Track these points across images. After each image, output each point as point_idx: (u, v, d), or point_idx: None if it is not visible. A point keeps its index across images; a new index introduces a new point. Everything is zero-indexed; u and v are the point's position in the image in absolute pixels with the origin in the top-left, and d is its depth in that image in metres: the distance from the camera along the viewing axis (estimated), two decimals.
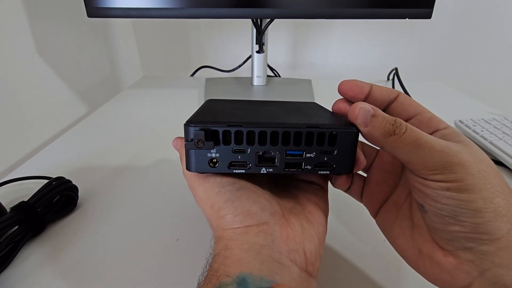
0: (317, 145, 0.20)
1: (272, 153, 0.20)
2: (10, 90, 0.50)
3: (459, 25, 0.91)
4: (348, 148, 0.20)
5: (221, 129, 0.19)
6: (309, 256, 0.20)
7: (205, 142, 0.19)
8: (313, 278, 0.20)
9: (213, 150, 0.20)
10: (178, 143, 0.26)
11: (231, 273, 0.17)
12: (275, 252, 0.19)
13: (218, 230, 0.21)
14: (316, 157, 0.20)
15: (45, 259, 0.28)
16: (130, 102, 0.65)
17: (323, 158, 0.20)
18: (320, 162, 0.20)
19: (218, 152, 0.20)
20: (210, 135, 0.19)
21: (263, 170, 0.20)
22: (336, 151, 0.20)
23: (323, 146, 0.20)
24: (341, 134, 0.20)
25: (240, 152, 0.20)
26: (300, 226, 0.21)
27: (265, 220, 0.20)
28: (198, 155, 0.20)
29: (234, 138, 0.20)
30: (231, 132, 0.19)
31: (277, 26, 0.84)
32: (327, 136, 0.20)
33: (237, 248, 0.19)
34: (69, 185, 0.33)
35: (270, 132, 0.19)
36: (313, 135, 0.20)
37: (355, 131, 0.20)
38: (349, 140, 0.20)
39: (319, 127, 0.20)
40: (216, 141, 0.20)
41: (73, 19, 0.65)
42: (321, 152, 0.20)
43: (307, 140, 0.20)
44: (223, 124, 0.19)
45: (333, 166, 0.21)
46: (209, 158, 0.20)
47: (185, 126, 0.20)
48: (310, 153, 0.20)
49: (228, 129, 0.19)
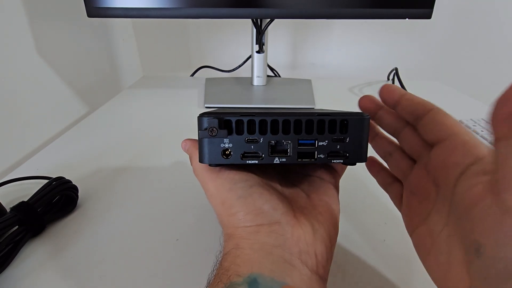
0: (329, 132, 0.20)
1: (285, 142, 0.20)
2: (10, 90, 0.50)
3: (459, 25, 0.91)
4: (360, 136, 0.20)
5: (234, 118, 0.20)
6: (320, 258, 0.20)
7: (219, 130, 0.20)
8: (324, 281, 0.20)
9: (226, 139, 0.20)
10: (188, 143, 0.26)
11: (242, 273, 0.17)
12: (286, 253, 0.19)
13: (228, 228, 0.21)
14: (328, 146, 0.20)
15: (45, 259, 0.28)
16: (130, 102, 0.65)
17: (336, 147, 0.20)
18: (333, 151, 0.20)
19: (231, 142, 0.20)
20: (223, 124, 0.20)
21: (276, 160, 0.20)
22: (348, 138, 0.20)
23: (335, 133, 0.20)
24: (352, 121, 0.20)
25: (253, 142, 0.20)
26: (312, 227, 0.21)
27: (277, 220, 0.20)
28: (211, 146, 0.20)
29: (247, 128, 0.20)
30: (244, 121, 0.20)
31: (277, 26, 0.84)
32: (338, 123, 0.20)
33: (248, 248, 0.19)
34: (69, 185, 0.33)
35: (282, 120, 0.20)
36: (324, 123, 0.20)
37: (367, 117, 0.20)
38: (361, 127, 0.20)
39: (330, 115, 0.20)
40: (229, 130, 0.20)
41: (73, 19, 0.65)
42: (333, 140, 0.20)
43: (319, 128, 0.20)
44: (236, 114, 0.20)
45: (346, 155, 0.21)
46: (222, 149, 0.20)
47: (199, 118, 0.20)
48: (323, 141, 0.20)
49: (241, 118, 0.20)
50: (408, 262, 0.27)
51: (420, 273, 0.26)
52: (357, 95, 0.67)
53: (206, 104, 0.62)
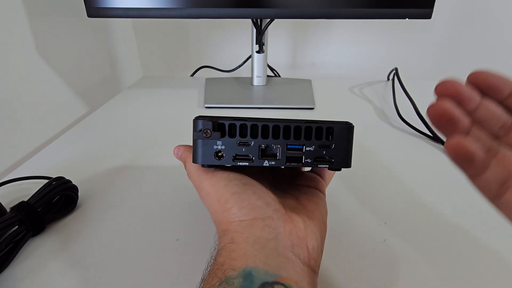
0: (316, 139, 0.22)
1: (274, 146, 0.22)
2: (10, 90, 0.50)
3: (459, 25, 0.91)
4: (345, 142, 0.22)
5: (227, 122, 0.21)
6: (312, 251, 0.21)
7: (212, 132, 0.21)
8: (315, 273, 0.21)
9: (219, 142, 0.21)
10: (181, 149, 0.27)
11: (237, 267, 0.18)
12: (279, 246, 0.20)
13: (223, 224, 0.21)
14: (315, 151, 0.22)
15: (45, 259, 0.28)
16: (130, 102, 0.65)
17: (322, 152, 0.22)
18: (319, 157, 0.22)
19: (224, 145, 0.21)
20: (217, 127, 0.21)
21: (266, 163, 0.22)
22: (334, 145, 0.22)
23: (321, 140, 0.22)
24: (337, 128, 0.22)
25: (245, 144, 0.21)
26: (303, 223, 0.22)
27: (269, 215, 0.21)
28: (205, 147, 0.21)
29: (239, 131, 0.21)
30: (237, 125, 0.21)
31: (277, 26, 0.84)
32: (324, 130, 0.21)
33: (243, 242, 0.20)
34: (69, 185, 0.33)
35: (272, 126, 0.21)
36: (311, 129, 0.21)
37: (351, 126, 0.22)
38: (346, 134, 0.22)
39: (317, 123, 0.21)
40: (223, 133, 0.21)
41: (73, 19, 0.65)
42: (319, 146, 0.22)
43: (306, 134, 0.21)
44: (229, 118, 0.21)
45: (331, 161, 0.22)
46: (215, 151, 0.22)
47: (194, 120, 0.21)
48: (310, 147, 0.22)
49: (233, 122, 0.21)
50: (408, 262, 0.27)
51: (420, 273, 0.26)
52: (357, 95, 0.67)
53: (206, 104, 0.62)
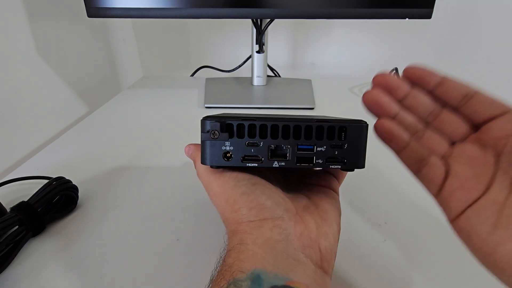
0: (327, 139, 0.21)
1: (284, 147, 0.21)
2: (11, 90, 0.50)
3: (459, 25, 0.91)
4: (358, 142, 0.21)
5: (236, 122, 0.20)
6: (325, 253, 0.20)
7: (220, 133, 0.20)
8: (328, 276, 0.20)
9: (228, 142, 0.21)
10: (192, 148, 0.26)
11: (245, 269, 0.18)
12: (289, 247, 0.19)
13: (232, 224, 0.21)
14: (326, 151, 0.21)
15: (45, 259, 0.28)
16: (130, 102, 0.65)
17: (334, 152, 0.21)
18: (331, 157, 0.21)
19: (232, 145, 0.21)
20: (225, 127, 0.20)
21: (275, 164, 0.21)
22: (346, 145, 0.21)
23: (333, 140, 0.21)
24: (350, 128, 0.20)
25: (253, 145, 0.21)
26: (315, 223, 0.21)
27: (280, 215, 0.20)
28: (213, 148, 0.21)
29: (247, 131, 0.20)
30: (245, 125, 0.20)
31: (277, 26, 0.84)
32: (337, 129, 0.20)
33: (252, 243, 0.19)
34: (69, 185, 0.33)
35: (282, 125, 0.20)
36: (323, 129, 0.20)
37: (365, 125, 0.20)
38: (359, 134, 0.20)
39: (329, 122, 0.20)
40: (231, 133, 0.21)
41: (73, 19, 0.65)
42: (331, 146, 0.21)
43: (318, 134, 0.20)
44: (238, 118, 0.21)
45: (344, 161, 0.21)
46: (223, 151, 0.21)
47: (202, 121, 0.21)
48: (321, 147, 0.21)
49: (242, 122, 0.20)
50: (408, 262, 0.27)
51: (420, 273, 0.26)
52: (357, 95, 0.67)
53: (206, 104, 0.62)
